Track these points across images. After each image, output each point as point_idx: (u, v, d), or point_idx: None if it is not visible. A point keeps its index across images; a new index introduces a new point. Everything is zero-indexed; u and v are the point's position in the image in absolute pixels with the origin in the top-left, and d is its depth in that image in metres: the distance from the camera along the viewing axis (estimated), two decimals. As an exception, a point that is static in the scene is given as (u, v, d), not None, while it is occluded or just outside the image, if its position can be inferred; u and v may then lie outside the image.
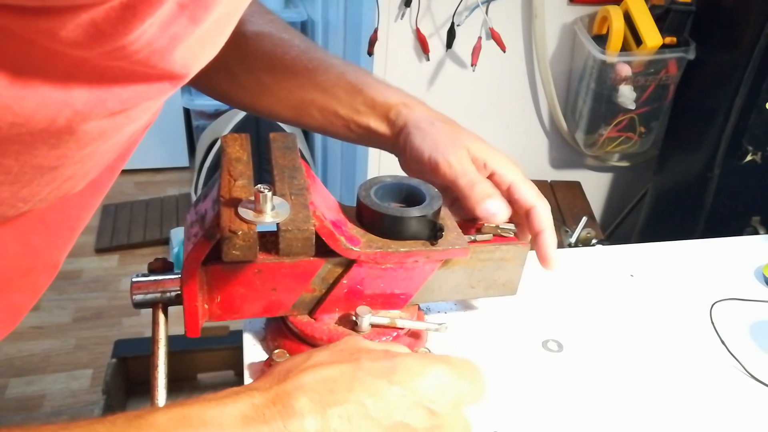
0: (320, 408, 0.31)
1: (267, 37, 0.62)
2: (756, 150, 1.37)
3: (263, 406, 0.30)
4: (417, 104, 0.61)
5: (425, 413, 0.33)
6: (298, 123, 0.65)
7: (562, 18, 1.51)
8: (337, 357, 0.35)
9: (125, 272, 2.16)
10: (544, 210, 0.56)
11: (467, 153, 0.57)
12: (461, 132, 0.59)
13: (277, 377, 0.33)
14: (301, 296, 0.54)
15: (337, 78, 0.62)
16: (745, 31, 1.33)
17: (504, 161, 0.58)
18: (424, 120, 0.59)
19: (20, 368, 1.78)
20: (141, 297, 0.50)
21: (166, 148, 2.67)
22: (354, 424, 0.31)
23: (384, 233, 0.52)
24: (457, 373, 0.35)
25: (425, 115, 0.60)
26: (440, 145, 0.57)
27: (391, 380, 0.33)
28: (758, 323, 0.67)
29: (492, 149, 0.58)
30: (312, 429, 0.30)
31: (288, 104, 0.63)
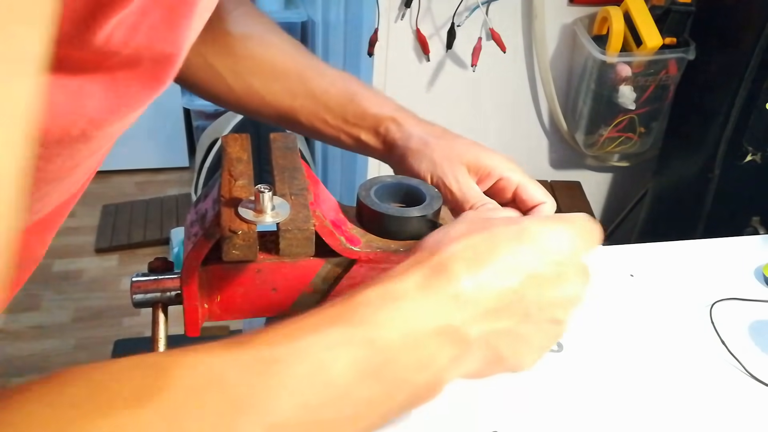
0: (473, 270, 0.37)
1: (255, 39, 0.62)
2: (756, 150, 1.37)
3: (430, 276, 0.37)
4: (407, 118, 0.60)
5: (552, 263, 0.39)
6: (286, 127, 0.64)
7: (562, 18, 1.51)
8: (473, 227, 0.40)
9: (125, 272, 2.16)
10: (551, 207, 0.58)
11: (466, 170, 0.57)
12: (456, 145, 0.58)
13: (429, 251, 0.39)
14: (301, 296, 0.54)
15: (328, 85, 0.61)
16: (745, 31, 1.33)
17: (506, 165, 0.58)
18: (416, 139, 0.59)
19: (20, 368, 1.78)
20: (141, 297, 0.50)
21: (166, 148, 2.68)
22: (501, 278, 0.38)
23: (384, 233, 0.52)
24: (574, 228, 0.42)
25: (417, 133, 0.59)
26: (438, 168, 0.57)
27: (521, 241, 0.39)
28: (758, 323, 0.67)
29: (491, 155, 0.58)
30: (469, 287, 0.37)
31: (275, 109, 0.62)
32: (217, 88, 0.62)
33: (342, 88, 0.61)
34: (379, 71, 1.47)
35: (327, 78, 0.61)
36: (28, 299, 2.01)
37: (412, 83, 1.50)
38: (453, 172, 0.56)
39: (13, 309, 1.97)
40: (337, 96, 0.61)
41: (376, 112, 0.60)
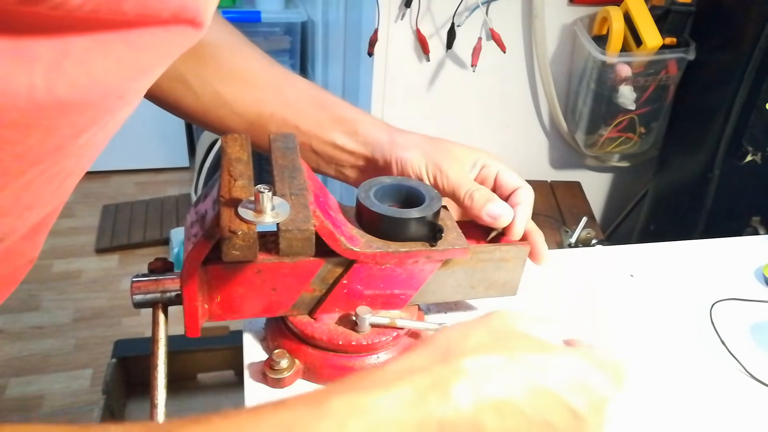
0: (476, 397, 0.32)
1: (226, 48, 0.60)
2: (756, 150, 1.37)
3: (425, 390, 0.32)
4: (383, 125, 0.61)
5: (569, 414, 0.34)
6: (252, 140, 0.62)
7: (562, 18, 1.50)
8: (494, 341, 0.35)
9: (125, 272, 2.16)
10: (527, 191, 0.59)
11: (455, 161, 0.58)
12: (440, 143, 0.60)
13: (437, 356, 0.34)
14: (301, 296, 0.54)
15: (302, 93, 0.60)
16: (745, 32, 1.33)
17: (486, 155, 0.60)
18: (403, 136, 0.59)
19: (20, 368, 1.78)
20: (141, 297, 0.50)
21: (166, 148, 2.68)
22: (504, 416, 0.32)
23: (384, 234, 0.52)
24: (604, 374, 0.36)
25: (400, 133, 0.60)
26: (430, 157, 0.58)
27: (543, 377, 0.34)
28: (758, 323, 0.67)
29: (472, 149, 0.61)
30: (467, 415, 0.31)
31: (243, 118, 0.60)
32: (181, 96, 0.60)
33: (316, 96, 0.60)
34: (379, 71, 1.47)
35: (300, 87, 0.60)
36: (28, 299, 2.01)
37: (412, 83, 1.50)
38: (447, 161, 0.57)
39: (13, 309, 1.97)
40: (312, 103, 0.60)
41: (353, 116, 0.60)
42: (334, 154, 0.61)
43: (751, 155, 1.37)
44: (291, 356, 0.54)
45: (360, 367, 0.54)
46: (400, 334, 0.55)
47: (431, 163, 0.58)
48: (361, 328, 0.54)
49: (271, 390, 0.54)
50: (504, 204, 0.56)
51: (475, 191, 0.56)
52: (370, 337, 0.54)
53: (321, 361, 0.54)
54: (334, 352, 0.54)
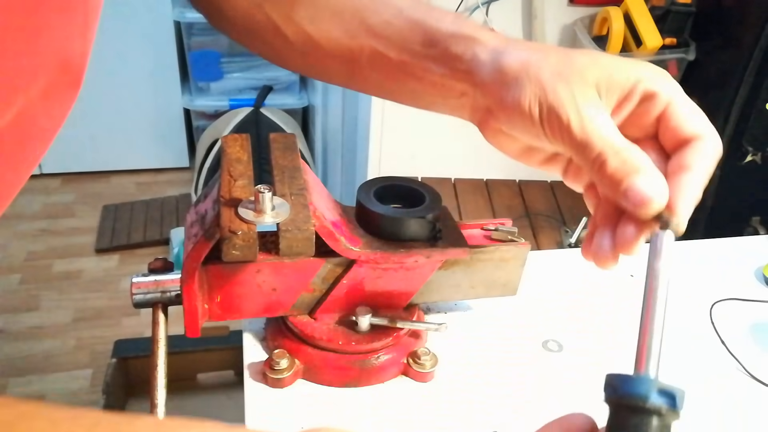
0: None
1: None
2: (756, 150, 1.37)
3: None
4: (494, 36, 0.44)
5: None
6: (355, 86, 0.52)
7: (562, 19, 1.51)
8: None
9: (125, 272, 2.16)
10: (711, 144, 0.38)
11: (596, 92, 0.38)
12: (575, 57, 0.40)
13: None
14: (301, 296, 0.54)
15: (391, 17, 0.46)
16: (745, 32, 1.33)
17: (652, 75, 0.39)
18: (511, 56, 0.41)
19: (20, 368, 1.78)
20: (141, 297, 0.50)
21: (166, 148, 2.67)
22: None
23: (384, 235, 0.52)
24: None
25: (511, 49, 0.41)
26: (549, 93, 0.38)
27: None
28: (758, 323, 0.67)
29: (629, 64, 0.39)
30: None
31: (335, 57, 0.49)
32: (280, 45, 0.51)
33: (408, 16, 0.46)
34: (379, 71, 1.47)
35: (390, 8, 0.47)
36: (28, 299, 2.01)
37: (412, 83, 1.50)
38: (573, 98, 0.38)
39: (13, 309, 1.97)
40: (401, 26, 0.46)
41: (448, 31, 0.44)
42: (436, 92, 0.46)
43: (751, 155, 1.37)
44: (291, 356, 0.54)
45: (360, 367, 0.54)
46: (400, 334, 0.55)
47: (546, 103, 0.38)
48: (361, 328, 0.54)
49: (271, 390, 0.54)
50: (656, 178, 0.36)
51: (612, 154, 0.37)
52: (370, 337, 0.54)
53: (321, 361, 0.54)
54: (334, 352, 0.54)
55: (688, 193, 0.36)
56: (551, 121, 0.38)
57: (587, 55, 0.39)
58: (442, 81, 0.44)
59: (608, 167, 0.36)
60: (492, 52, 0.42)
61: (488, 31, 0.43)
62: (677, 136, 0.38)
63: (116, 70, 2.43)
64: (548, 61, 0.39)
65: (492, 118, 0.42)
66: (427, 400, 0.54)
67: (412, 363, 0.55)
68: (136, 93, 2.50)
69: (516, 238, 0.57)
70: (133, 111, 2.53)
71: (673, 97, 0.38)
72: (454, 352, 0.59)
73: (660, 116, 0.39)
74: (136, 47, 2.41)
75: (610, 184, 0.37)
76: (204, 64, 2.42)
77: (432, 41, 0.44)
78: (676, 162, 0.38)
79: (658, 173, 0.37)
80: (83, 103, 2.41)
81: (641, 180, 0.36)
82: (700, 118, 0.38)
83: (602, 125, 0.37)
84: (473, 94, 0.43)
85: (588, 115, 0.37)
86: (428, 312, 0.64)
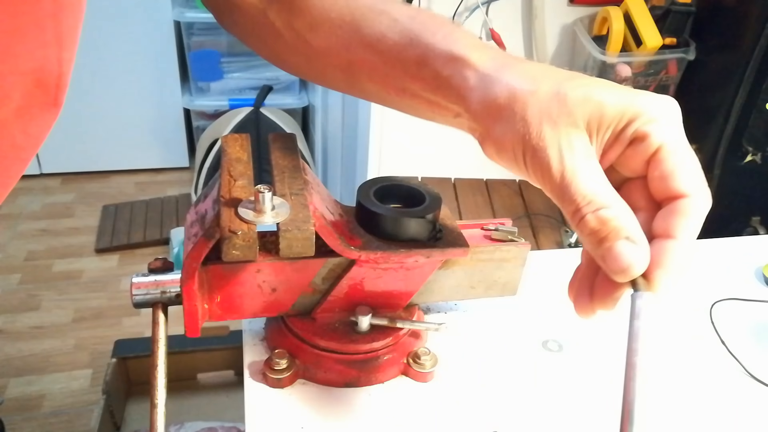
0: None
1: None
2: (756, 150, 1.37)
3: None
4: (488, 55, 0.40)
5: None
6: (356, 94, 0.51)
7: (562, 19, 1.51)
8: None
9: (125, 272, 2.16)
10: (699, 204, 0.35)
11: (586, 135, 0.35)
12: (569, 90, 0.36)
13: None
14: (301, 296, 0.54)
15: (386, 29, 0.44)
16: (745, 32, 1.33)
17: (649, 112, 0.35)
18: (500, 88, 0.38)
19: (20, 368, 1.78)
20: (141, 297, 0.50)
21: (166, 148, 2.68)
22: None
23: (384, 234, 0.52)
24: None
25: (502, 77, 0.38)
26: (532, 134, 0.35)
27: None
28: (758, 323, 0.67)
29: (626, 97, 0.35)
30: None
31: (338, 68, 0.48)
32: (279, 48, 0.51)
33: (402, 30, 0.44)
34: (379, 71, 1.47)
35: (386, 18, 0.45)
36: (28, 299, 2.01)
37: (412, 83, 1.50)
38: (558, 144, 0.35)
39: (13, 309, 1.97)
40: (395, 40, 0.44)
41: (439, 51, 0.41)
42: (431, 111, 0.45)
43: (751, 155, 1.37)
44: (291, 356, 0.54)
45: (360, 367, 0.54)
46: (400, 334, 0.55)
47: (530, 146, 0.36)
48: (361, 328, 0.54)
49: (271, 390, 0.54)
50: (636, 245, 0.34)
51: (591, 212, 0.34)
52: (370, 337, 0.54)
53: (321, 361, 0.54)
54: (334, 352, 0.54)
55: (670, 263, 0.34)
56: (534, 166, 0.36)
57: (582, 88, 0.36)
58: (437, 101, 0.43)
59: (586, 226, 0.34)
60: (481, 78, 0.39)
61: (481, 49, 0.41)
62: (665, 189, 0.35)
63: (116, 70, 2.43)
64: (538, 96, 0.36)
65: (485, 144, 0.41)
66: (427, 400, 0.54)
67: (412, 363, 0.55)
68: (136, 93, 2.50)
69: (516, 238, 0.57)
70: (133, 111, 2.53)
71: (666, 143, 0.35)
72: (454, 352, 0.59)
73: (650, 160, 0.35)
74: (136, 47, 2.41)
75: (589, 244, 0.35)
76: (204, 64, 2.42)
77: (424, 61, 0.42)
78: (661, 224, 0.35)
79: (639, 238, 0.34)
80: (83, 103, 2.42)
81: (620, 246, 0.33)
82: (691, 171, 0.35)
83: (586, 177, 0.34)
84: (467, 117, 0.41)
85: (571, 166, 0.34)
86: (428, 312, 0.64)
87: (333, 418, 0.52)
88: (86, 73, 2.37)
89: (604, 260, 0.34)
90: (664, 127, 0.35)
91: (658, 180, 0.35)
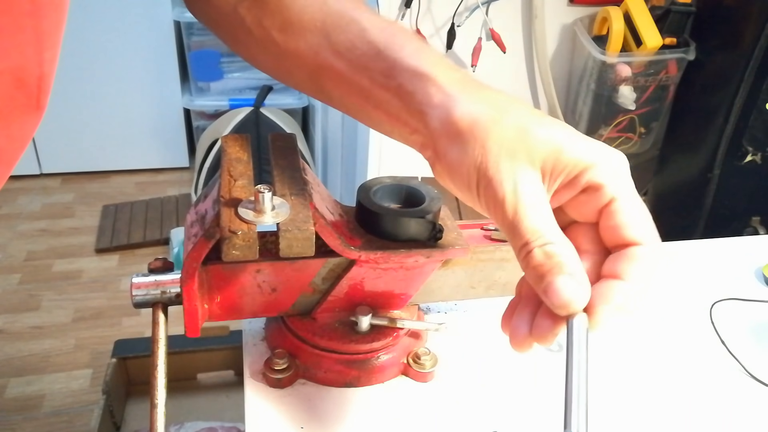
0: None
1: None
2: (756, 150, 1.37)
3: None
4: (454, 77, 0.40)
5: None
6: (322, 100, 0.50)
7: (562, 19, 1.51)
8: None
9: (125, 272, 2.16)
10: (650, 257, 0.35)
11: (540, 174, 0.36)
12: (531, 128, 0.36)
13: None
14: (301, 296, 0.54)
15: (355, 37, 0.44)
16: (745, 32, 1.33)
17: (602, 164, 0.36)
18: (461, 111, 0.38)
19: (20, 368, 1.78)
20: (141, 297, 0.49)
21: (166, 148, 2.68)
22: None
23: (384, 234, 0.52)
24: None
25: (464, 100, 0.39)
26: (490, 165, 0.36)
27: None
28: (758, 323, 0.67)
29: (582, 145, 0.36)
30: None
31: (304, 72, 0.47)
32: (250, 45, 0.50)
33: (371, 40, 0.43)
34: (379, 71, 1.47)
35: (356, 26, 0.45)
36: (28, 299, 2.01)
37: (412, 83, 1.50)
38: (513, 178, 0.35)
39: (13, 309, 1.97)
40: (363, 50, 0.44)
41: (406, 65, 0.41)
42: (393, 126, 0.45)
43: (751, 155, 1.37)
44: (291, 356, 0.54)
45: (360, 367, 0.54)
46: (400, 334, 0.55)
47: (485, 175, 0.36)
48: (361, 328, 0.54)
49: (271, 390, 0.54)
50: (578, 282, 0.35)
51: (538, 246, 0.35)
52: (370, 337, 0.54)
53: (321, 361, 0.54)
54: (334, 352, 0.54)
55: (613, 300, 0.35)
56: (487, 196, 0.36)
57: (546, 128, 0.36)
58: (398, 113, 0.43)
59: (533, 259, 0.35)
60: (445, 97, 0.39)
61: (449, 69, 0.41)
62: (616, 237, 0.36)
63: (116, 70, 2.43)
64: (500, 126, 0.37)
65: (437, 164, 0.41)
66: (427, 400, 0.54)
67: (412, 363, 0.55)
68: (136, 93, 2.50)
69: None
70: (133, 111, 2.53)
71: (619, 196, 0.36)
72: (454, 352, 0.59)
73: (602, 210, 0.36)
74: (136, 47, 2.41)
75: (533, 277, 0.36)
76: (204, 63, 2.42)
77: (390, 73, 0.42)
78: (609, 267, 0.36)
79: (581, 275, 0.35)
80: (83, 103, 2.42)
81: (562, 281, 0.35)
82: (643, 223, 0.36)
83: (537, 214, 0.35)
84: (424, 134, 0.41)
85: (524, 201, 0.35)
86: (428, 312, 0.64)
87: (333, 418, 0.52)
88: (86, 73, 2.37)
89: (546, 294, 0.35)
90: (617, 180, 0.36)
91: (612, 229, 0.36)
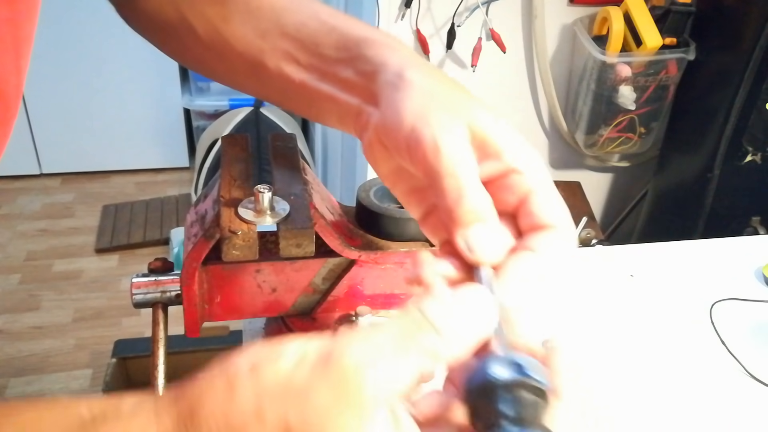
0: None
1: None
2: (756, 150, 1.37)
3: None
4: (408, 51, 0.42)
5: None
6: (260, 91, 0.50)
7: (562, 18, 1.51)
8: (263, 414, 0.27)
9: (125, 272, 2.16)
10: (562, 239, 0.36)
11: (468, 133, 0.36)
12: (464, 98, 0.38)
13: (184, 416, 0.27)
14: (301, 296, 0.54)
15: (306, 18, 0.45)
16: (745, 32, 1.33)
17: (526, 153, 0.37)
18: (412, 68, 0.39)
19: (20, 368, 1.78)
20: (141, 297, 0.50)
21: (166, 148, 2.68)
22: None
23: (383, 234, 0.52)
24: None
25: (416, 63, 0.40)
26: (429, 114, 0.36)
27: None
28: (758, 323, 0.67)
29: (510, 132, 0.38)
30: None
31: (246, 61, 0.47)
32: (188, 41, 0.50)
33: (324, 20, 0.44)
34: (379, 71, 1.47)
35: (307, 10, 0.45)
36: (28, 299, 2.01)
37: (412, 83, 1.50)
38: (449, 127, 0.36)
39: (13, 309, 1.97)
40: (315, 28, 0.44)
41: (362, 35, 0.43)
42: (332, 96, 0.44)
43: (751, 155, 1.37)
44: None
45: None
46: (400, 334, 0.55)
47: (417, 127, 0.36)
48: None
49: (271, 390, 0.53)
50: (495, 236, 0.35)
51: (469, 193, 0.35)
52: (370, 337, 0.54)
53: (321, 361, 0.54)
54: (334, 352, 0.54)
55: (521, 271, 0.35)
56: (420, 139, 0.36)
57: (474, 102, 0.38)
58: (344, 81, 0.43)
59: (460, 206, 0.35)
60: (401, 60, 0.40)
61: (400, 46, 0.42)
62: (533, 222, 0.36)
63: (116, 70, 2.43)
64: (431, 86, 0.38)
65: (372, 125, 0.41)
66: (427, 400, 0.54)
67: (412, 363, 0.55)
68: (136, 93, 2.50)
69: None
70: (133, 111, 2.53)
71: (536, 183, 0.37)
72: (454, 352, 0.59)
73: (523, 197, 0.37)
74: (136, 47, 2.41)
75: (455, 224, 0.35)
76: (204, 64, 2.41)
77: (345, 45, 0.43)
78: (522, 243, 0.36)
79: (497, 230, 0.35)
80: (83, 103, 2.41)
81: (478, 232, 0.35)
82: (560, 210, 0.37)
83: (465, 162, 0.35)
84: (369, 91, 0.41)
85: (455, 148, 0.35)
86: (428, 312, 0.64)
87: (333, 418, 0.52)
88: (86, 73, 2.37)
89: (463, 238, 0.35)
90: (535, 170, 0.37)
91: (530, 215, 0.37)
